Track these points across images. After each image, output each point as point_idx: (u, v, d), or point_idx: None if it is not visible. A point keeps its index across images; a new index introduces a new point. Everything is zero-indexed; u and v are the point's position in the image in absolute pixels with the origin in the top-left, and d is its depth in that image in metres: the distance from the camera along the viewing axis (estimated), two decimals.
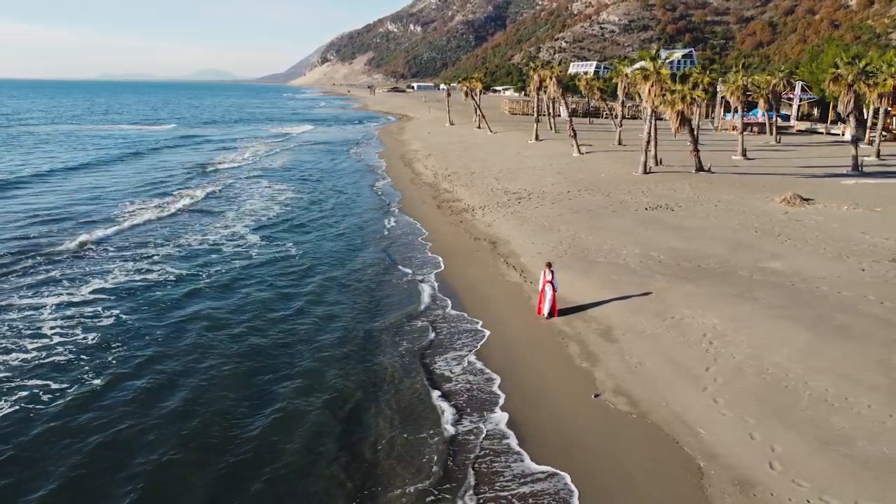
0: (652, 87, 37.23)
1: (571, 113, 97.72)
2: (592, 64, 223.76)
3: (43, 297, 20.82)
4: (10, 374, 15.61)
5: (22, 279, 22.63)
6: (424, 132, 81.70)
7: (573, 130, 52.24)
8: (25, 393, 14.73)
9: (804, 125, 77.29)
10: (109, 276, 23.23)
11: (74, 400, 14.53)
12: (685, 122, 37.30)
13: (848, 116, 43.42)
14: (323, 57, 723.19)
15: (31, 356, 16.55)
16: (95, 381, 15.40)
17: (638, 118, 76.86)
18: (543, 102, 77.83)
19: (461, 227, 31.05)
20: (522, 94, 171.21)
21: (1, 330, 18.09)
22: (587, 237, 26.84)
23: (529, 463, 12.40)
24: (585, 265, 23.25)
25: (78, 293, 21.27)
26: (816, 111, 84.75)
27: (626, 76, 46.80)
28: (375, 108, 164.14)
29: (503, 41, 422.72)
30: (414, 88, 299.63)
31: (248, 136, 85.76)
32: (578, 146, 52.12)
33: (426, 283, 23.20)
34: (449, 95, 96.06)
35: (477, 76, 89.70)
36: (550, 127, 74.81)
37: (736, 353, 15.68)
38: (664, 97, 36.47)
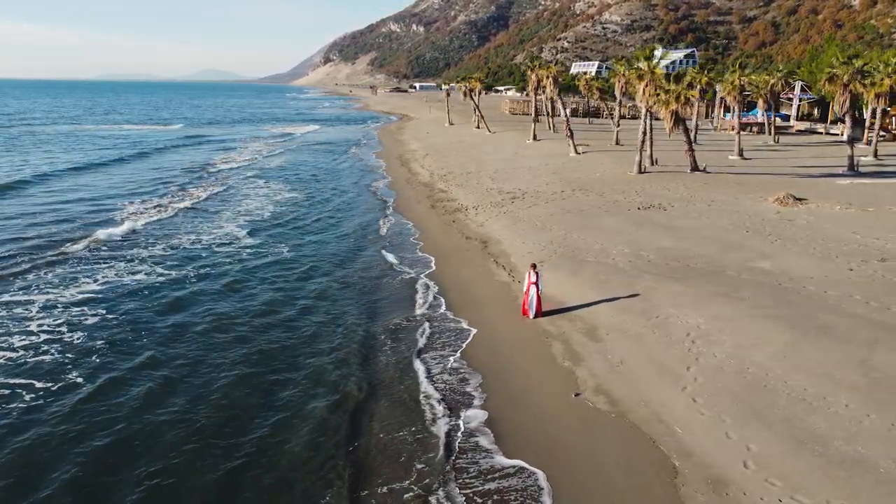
0: (646, 86, 37.21)
1: (572, 113, 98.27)
2: (594, 64, 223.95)
3: (34, 295, 20.90)
4: (8, 373, 15.72)
5: (17, 280, 22.62)
6: (423, 132, 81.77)
7: (570, 130, 52.25)
8: (22, 392, 14.78)
9: (804, 125, 77.13)
10: (108, 276, 23.24)
11: (74, 400, 14.52)
12: (679, 121, 37.25)
13: (844, 116, 43.31)
14: (325, 57, 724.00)
15: (22, 355, 16.63)
16: (96, 381, 15.41)
17: (637, 118, 76.75)
18: (542, 102, 77.89)
19: (454, 226, 31.09)
20: (524, 94, 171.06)
21: None
22: (578, 237, 26.85)
23: (502, 459, 12.45)
24: (575, 265, 23.26)
25: (76, 294, 21.29)
26: (817, 111, 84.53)
27: (622, 76, 46.70)
28: (376, 108, 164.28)
29: (505, 41, 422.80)
30: (416, 88, 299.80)
31: (250, 136, 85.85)
32: (575, 146, 52.12)
33: (415, 282, 23.23)
34: (448, 95, 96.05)
35: (476, 76, 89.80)
36: (549, 127, 74.83)
37: (718, 352, 15.68)
38: (658, 97, 36.45)
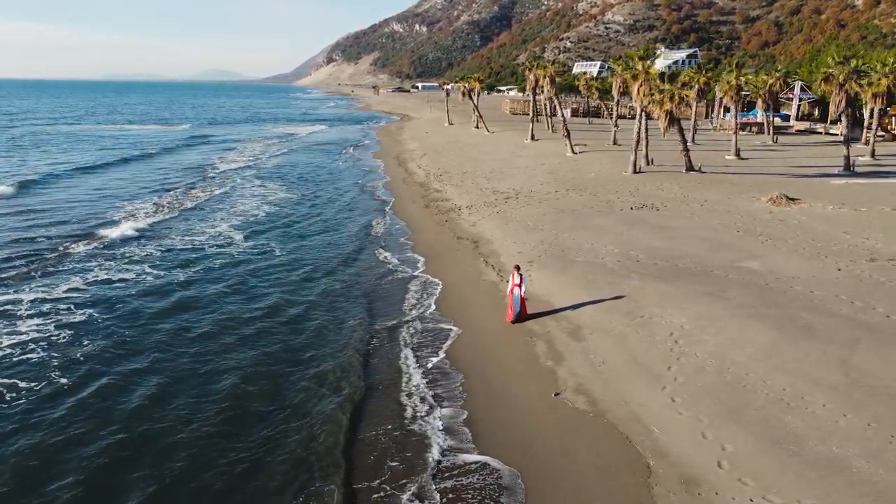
0: (641, 86, 37.15)
1: (573, 113, 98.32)
2: (597, 64, 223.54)
3: (24, 294, 20.97)
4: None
5: (14, 280, 22.66)
6: (422, 132, 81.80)
7: (566, 130, 52.23)
8: (15, 393, 14.85)
9: (804, 125, 76.93)
10: (107, 277, 23.23)
11: (71, 402, 14.52)
12: (674, 121, 37.21)
13: (840, 116, 43.20)
14: (328, 57, 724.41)
15: (9, 353, 16.71)
16: (93, 383, 15.42)
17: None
18: (541, 102, 77.87)
19: (446, 226, 31.11)
20: (525, 94, 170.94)
21: None
22: (569, 237, 26.83)
23: (477, 457, 12.48)
24: (563, 265, 23.25)
25: (71, 294, 21.34)
26: (817, 111, 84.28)
27: (619, 76, 46.64)
28: (378, 108, 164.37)
29: (508, 41, 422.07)
30: (418, 88, 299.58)
31: (252, 136, 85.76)
32: (572, 146, 52.09)
33: (403, 283, 23.26)
34: (448, 95, 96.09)
35: (475, 76, 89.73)
36: (548, 127, 74.79)
37: (700, 352, 15.67)
38: (653, 96, 36.40)
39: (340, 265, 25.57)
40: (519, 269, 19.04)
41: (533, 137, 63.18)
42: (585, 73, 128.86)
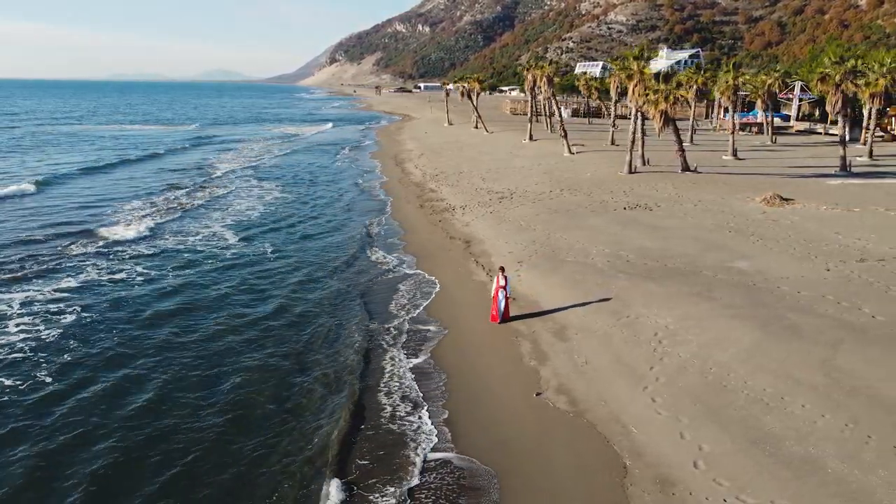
0: (635, 86, 37.11)
1: (573, 113, 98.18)
2: (599, 64, 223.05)
3: (15, 293, 21.06)
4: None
5: (9, 280, 22.77)
6: (421, 132, 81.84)
7: (563, 130, 52.19)
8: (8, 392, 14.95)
9: (804, 125, 76.74)
10: (102, 277, 23.29)
11: (47, 394, 14.71)
12: (669, 121, 37.13)
13: (836, 116, 43.06)
14: (331, 57, 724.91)
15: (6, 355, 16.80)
16: (71, 378, 15.55)
17: None
18: (541, 102, 77.81)
19: (439, 226, 31.12)
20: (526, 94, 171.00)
21: None
22: (561, 237, 26.82)
23: (454, 456, 12.51)
24: (553, 265, 23.24)
25: (65, 294, 21.40)
26: (818, 111, 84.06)
27: (616, 75, 46.59)
28: (379, 108, 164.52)
29: (511, 41, 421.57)
30: (421, 88, 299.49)
31: (253, 137, 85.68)
32: (570, 146, 52.05)
33: (393, 283, 23.28)
34: (448, 95, 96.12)
35: (474, 76, 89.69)
36: (547, 127, 74.72)
37: (683, 352, 15.64)
38: (647, 96, 36.34)
39: (331, 265, 25.57)
40: (503, 270, 19.00)
41: (531, 138, 63.14)
42: (586, 73, 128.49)
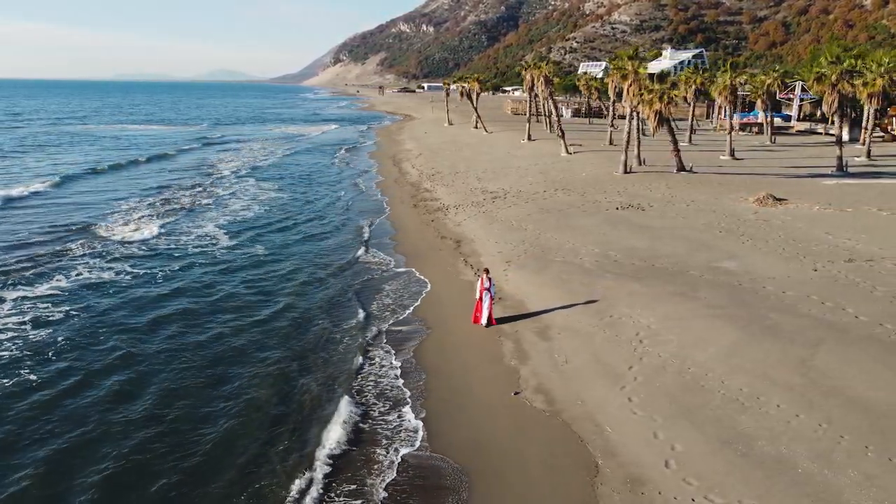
0: (630, 86, 37.06)
1: (574, 113, 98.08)
2: (602, 64, 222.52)
3: (4, 292, 21.20)
4: None
5: (10, 281, 22.88)
6: (421, 132, 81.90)
7: (561, 130, 52.19)
8: None
9: (804, 125, 76.49)
10: (97, 278, 23.35)
11: (37, 397, 14.72)
12: (664, 121, 37.08)
13: (833, 116, 42.92)
14: (335, 57, 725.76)
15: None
16: (67, 378, 15.61)
17: None
18: (540, 102, 77.75)
19: (431, 225, 31.14)
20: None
21: None
22: (551, 237, 26.81)
23: (429, 454, 12.51)
24: (541, 265, 23.24)
25: (57, 292, 21.55)
26: (819, 112, 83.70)
27: (613, 75, 46.54)
28: (381, 108, 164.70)
29: (515, 41, 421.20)
30: (424, 89, 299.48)
31: (255, 137, 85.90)
32: (567, 146, 52.02)
33: (382, 282, 23.31)
34: (448, 95, 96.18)
35: (474, 76, 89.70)
36: (546, 127, 74.67)
37: (663, 352, 15.63)
38: (642, 96, 36.30)
39: (323, 265, 25.56)
40: (488, 272, 18.97)
41: (530, 138, 63.11)
42: (587, 73, 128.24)
